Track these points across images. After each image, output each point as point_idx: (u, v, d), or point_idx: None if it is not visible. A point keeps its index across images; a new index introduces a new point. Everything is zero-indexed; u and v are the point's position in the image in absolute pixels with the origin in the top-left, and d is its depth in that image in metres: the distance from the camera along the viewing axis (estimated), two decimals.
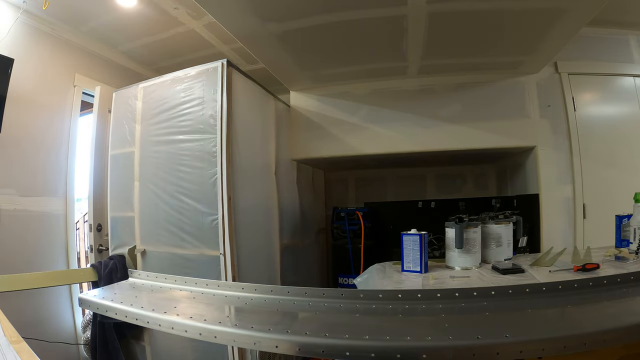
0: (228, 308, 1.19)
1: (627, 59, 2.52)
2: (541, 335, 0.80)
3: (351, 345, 0.84)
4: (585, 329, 0.83)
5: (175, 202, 1.93)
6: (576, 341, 0.80)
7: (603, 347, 0.83)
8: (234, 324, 0.98)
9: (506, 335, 0.80)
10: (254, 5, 1.70)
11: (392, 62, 2.38)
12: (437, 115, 2.57)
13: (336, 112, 2.74)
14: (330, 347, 0.84)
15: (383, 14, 1.79)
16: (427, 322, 1.00)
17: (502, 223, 1.75)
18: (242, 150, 1.97)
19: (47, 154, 2.34)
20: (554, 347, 0.78)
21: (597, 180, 2.43)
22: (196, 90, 1.93)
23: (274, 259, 2.35)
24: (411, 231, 1.67)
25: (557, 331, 0.83)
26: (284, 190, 2.58)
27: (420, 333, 0.92)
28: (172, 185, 1.95)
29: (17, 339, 0.86)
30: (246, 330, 0.93)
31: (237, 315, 1.13)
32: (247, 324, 0.97)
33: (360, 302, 1.11)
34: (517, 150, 2.68)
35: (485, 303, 1.06)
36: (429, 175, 3.65)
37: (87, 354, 2.20)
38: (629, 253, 1.52)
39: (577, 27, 1.92)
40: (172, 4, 2.22)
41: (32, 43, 2.25)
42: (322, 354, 0.84)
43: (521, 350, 0.78)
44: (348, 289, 1.20)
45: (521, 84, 2.50)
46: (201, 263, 1.85)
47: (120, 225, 2.17)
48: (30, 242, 2.20)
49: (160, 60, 3.00)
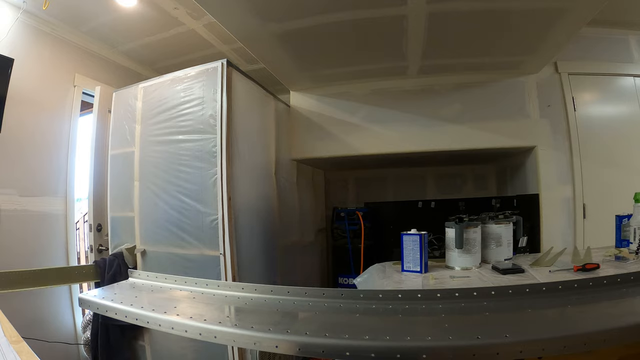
0: (228, 308, 1.19)
1: (627, 59, 2.52)
2: (541, 335, 0.80)
3: (351, 345, 0.84)
4: (585, 329, 0.83)
5: (175, 202, 1.93)
6: (576, 341, 0.80)
7: (603, 347, 0.83)
8: (234, 324, 0.98)
9: (506, 335, 0.80)
10: (254, 5, 1.70)
11: (392, 62, 2.38)
12: (437, 115, 2.57)
13: (336, 112, 2.73)
14: (330, 347, 0.84)
15: (383, 14, 1.79)
16: (427, 322, 1.00)
17: (502, 223, 1.75)
18: (242, 150, 1.97)
19: (47, 154, 2.34)
20: (554, 347, 0.78)
21: (597, 180, 2.43)
22: (196, 90, 1.93)
23: (274, 259, 2.35)
24: (411, 231, 1.67)
25: (557, 331, 0.83)
26: (284, 190, 2.58)
27: (420, 333, 0.92)
28: (172, 185, 1.95)
29: (17, 339, 0.86)
30: (246, 330, 0.93)
31: (237, 315, 1.13)
32: (247, 324, 0.97)
33: (360, 302, 1.11)
34: (517, 150, 2.68)
35: (485, 303, 1.06)
36: (429, 175, 3.65)
37: (87, 354, 2.20)
38: (629, 253, 1.52)
39: (577, 27, 1.92)
40: (172, 4, 2.22)
41: (32, 43, 2.25)
42: (322, 354, 0.84)
43: (521, 350, 0.78)
44: (348, 289, 1.19)
45: (521, 84, 2.50)
46: (201, 263, 1.85)
47: (120, 225, 2.17)
48: (30, 242, 2.20)
49: (160, 60, 3.00)
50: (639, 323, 0.83)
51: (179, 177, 1.93)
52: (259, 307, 1.15)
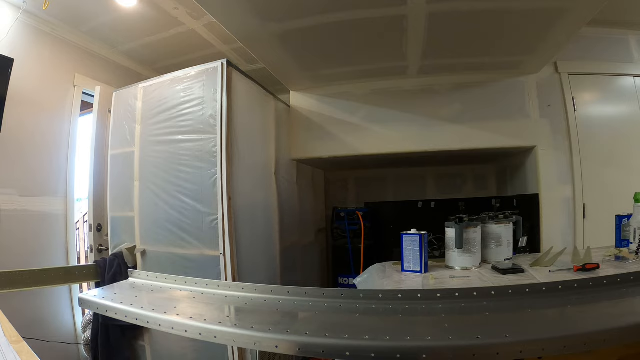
0: (228, 308, 1.19)
1: (627, 59, 2.52)
2: (541, 335, 0.80)
3: (351, 345, 0.84)
4: (585, 329, 0.83)
5: (175, 202, 1.93)
6: (576, 341, 0.80)
7: (603, 347, 0.83)
8: (234, 324, 0.98)
9: (506, 335, 0.80)
10: (254, 5, 1.70)
11: (392, 62, 2.38)
12: (437, 115, 2.57)
13: (336, 112, 2.73)
14: (331, 347, 0.84)
15: (383, 14, 1.79)
16: (427, 322, 1.00)
17: (502, 223, 1.75)
18: (242, 150, 1.97)
19: (47, 154, 2.34)
20: (554, 347, 0.78)
21: (597, 180, 2.43)
22: (196, 90, 1.93)
23: (273, 259, 2.35)
24: (411, 231, 1.67)
25: (557, 331, 0.83)
26: (284, 190, 2.58)
27: (420, 333, 0.92)
28: (172, 185, 1.95)
29: (17, 339, 0.86)
30: (246, 330, 0.93)
31: (237, 315, 1.13)
32: (247, 324, 0.97)
33: (360, 302, 1.11)
34: (517, 150, 2.68)
35: (485, 303, 1.06)
36: (429, 175, 3.65)
37: (87, 354, 2.20)
38: (629, 253, 1.52)
39: (577, 27, 1.92)
40: (172, 4, 2.22)
41: (32, 43, 2.25)
42: (322, 354, 0.84)
43: (521, 350, 0.78)
44: (348, 289, 1.20)
45: (521, 84, 2.50)
46: (201, 263, 1.85)
47: (120, 225, 2.17)
48: (30, 242, 2.20)
49: (160, 60, 3.00)
50: (639, 323, 0.83)
51: (179, 177, 1.93)
52: (259, 307, 1.15)
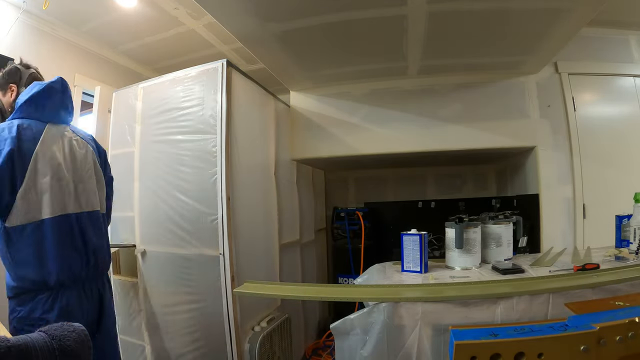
0: None
1: (627, 59, 2.52)
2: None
3: None
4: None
5: (175, 202, 1.93)
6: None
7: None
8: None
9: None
10: (254, 5, 1.70)
11: (392, 63, 2.38)
12: (437, 115, 2.57)
13: (336, 112, 2.73)
14: None
15: (383, 14, 1.78)
16: None
17: (502, 223, 1.75)
18: (242, 150, 1.97)
19: None
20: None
21: (597, 180, 2.43)
22: (196, 90, 1.93)
23: (273, 259, 2.35)
24: (411, 231, 1.67)
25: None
26: (284, 190, 2.58)
27: None
28: (172, 185, 1.94)
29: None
30: None
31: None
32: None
33: None
34: (517, 150, 2.67)
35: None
36: (429, 175, 3.65)
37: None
38: (629, 253, 1.52)
39: (577, 27, 1.92)
40: (172, 4, 2.22)
41: (32, 43, 2.24)
42: None
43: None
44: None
45: (521, 84, 2.50)
46: (201, 263, 1.85)
47: (121, 225, 2.16)
48: None
49: (160, 60, 2.99)
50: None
51: (178, 177, 1.93)
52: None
